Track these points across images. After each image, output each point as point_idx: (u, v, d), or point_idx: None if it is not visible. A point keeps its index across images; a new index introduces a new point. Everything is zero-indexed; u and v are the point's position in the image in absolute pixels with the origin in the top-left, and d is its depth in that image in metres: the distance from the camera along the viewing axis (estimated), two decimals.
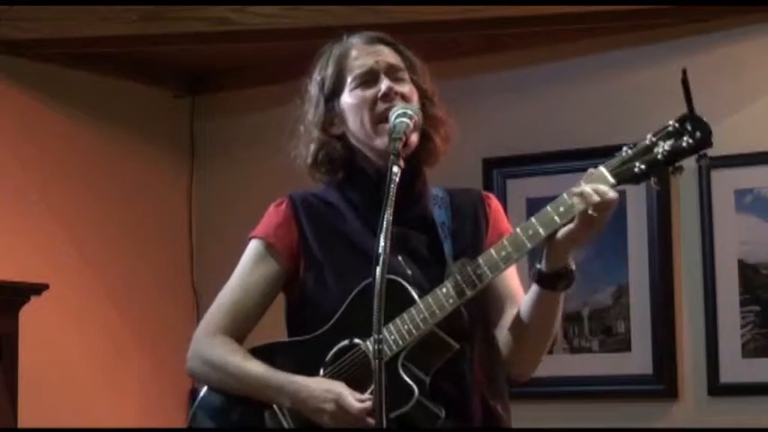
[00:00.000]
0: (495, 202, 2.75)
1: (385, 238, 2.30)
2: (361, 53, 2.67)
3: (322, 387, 2.53)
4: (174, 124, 5.37)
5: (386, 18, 4.07)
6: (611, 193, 2.44)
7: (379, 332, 2.26)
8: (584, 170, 4.58)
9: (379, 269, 2.28)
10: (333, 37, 2.80)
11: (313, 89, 2.73)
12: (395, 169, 2.42)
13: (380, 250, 2.30)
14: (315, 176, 2.73)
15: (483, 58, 4.70)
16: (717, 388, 4.31)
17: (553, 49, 4.69)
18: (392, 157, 2.44)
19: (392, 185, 2.39)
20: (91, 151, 5.02)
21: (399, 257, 2.59)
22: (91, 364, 4.93)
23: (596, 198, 2.44)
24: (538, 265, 2.52)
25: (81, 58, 4.92)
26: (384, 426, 2.27)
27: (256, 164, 5.24)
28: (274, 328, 2.73)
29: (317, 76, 2.73)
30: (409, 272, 2.58)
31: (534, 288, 2.54)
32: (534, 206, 4.57)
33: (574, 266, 2.52)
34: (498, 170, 4.70)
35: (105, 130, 5.07)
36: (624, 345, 4.46)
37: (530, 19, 4.35)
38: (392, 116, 2.56)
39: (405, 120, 2.54)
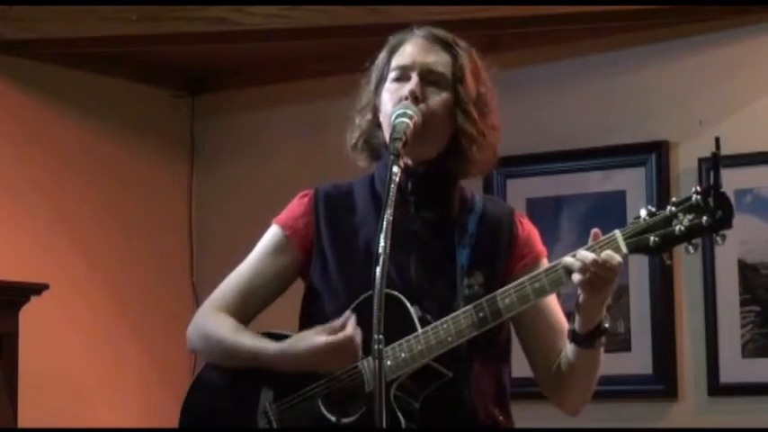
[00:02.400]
0: (527, 223, 2.72)
1: (385, 239, 2.30)
2: (411, 48, 2.65)
3: (306, 351, 2.54)
4: (174, 124, 5.36)
5: (386, 18, 4.07)
6: (616, 260, 2.42)
7: (379, 332, 2.26)
8: (585, 170, 4.65)
9: (378, 269, 2.28)
10: (332, 37, 2.80)
11: (371, 73, 2.72)
12: (395, 169, 2.42)
13: (380, 250, 2.29)
14: (356, 159, 2.73)
15: (483, 59, 4.69)
16: (717, 388, 4.31)
17: (553, 49, 4.69)
18: (392, 157, 2.44)
19: (392, 185, 2.39)
20: (91, 151, 5.02)
21: (411, 259, 2.59)
22: (91, 363, 4.93)
23: (602, 269, 2.41)
24: (571, 326, 2.52)
25: (81, 58, 4.92)
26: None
27: (256, 164, 5.24)
28: (286, 315, 2.75)
29: (374, 63, 2.72)
30: (414, 273, 2.58)
31: (571, 346, 2.54)
32: (534, 206, 4.61)
33: (607, 324, 2.51)
34: (498, 170, 4.69)
35: (105, 129, 5.07)
36: (624, 345, 4.46)
37: (530, 19, 4.35)
38: (392, 116, 2.55)
39: (404, 120, 2.53)
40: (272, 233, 2.74)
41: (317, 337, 2.53)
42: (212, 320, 2.71)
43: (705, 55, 4.42)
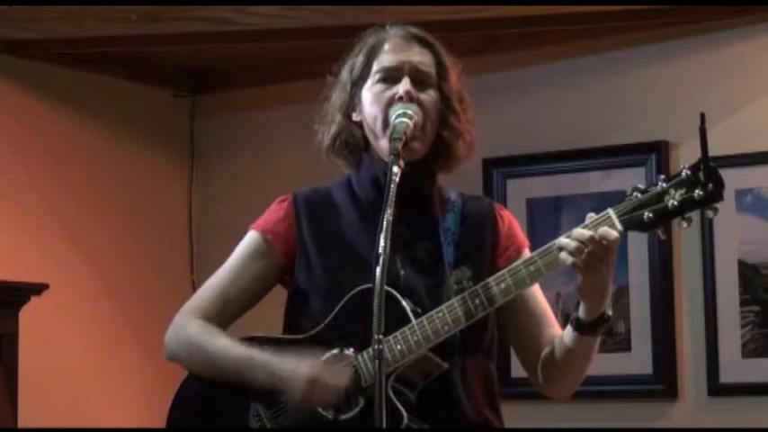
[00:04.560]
0: (507, 214, 2.72)
1: (385, 239, 2.30)
2: (394, 48, 2.65)
3: (296, 372, 2.53)
4: (174, 124, 5.37)
5: (386, 18, 4.06)
6: (613, 236, 2.42)
7: (380, 332, 2.26)
8: (585, 170, 4.65)
9: (378, 269, 2.28)
10: (332, 37, 2.80)
11: (343, 73, 2.71)
12: (395, 169, 2.43)
13: (380, 250, 2.29)
14: (331, 159, 2.73)
15: (483, 58, 4.70)
16: (717, 388, 4.31)
17: (553, 49, 4.69)
18: (392, 157, 2.45)
19: (392, 185, 2.40)
20: (91, 151, 5.02)
21: (397, 258, 2.59)
22: (91, 363, 4.93)
23: (599, 246, 2.41)
24: (575, 314, 2.52)
25: (81, 58, 4.92)
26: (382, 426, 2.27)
27: (256, 164, 5.25)
28: (273, 321, 2.74)
29: (348, 61, 2.71)
30: (402, 272, 2.58)
31: (573, 333, 2.53)
32: (534, 206, 4.62)
33: (611, 312, 2.51)
34: (498, 170, 4.70)
35: (105, 129, 5.07)
36: (624, 345, 4.46)
37: (530, 19, 4.35)
38: (392, 116, 2.56)
39: (404, 120, 2.54)
40: (251, 239, 2.72)
41: (311, 368, 2.53)
42: (191, 326, 2.70)
43: (705, 55, 4.42)
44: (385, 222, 2.32)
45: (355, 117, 2.68)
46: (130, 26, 4.41)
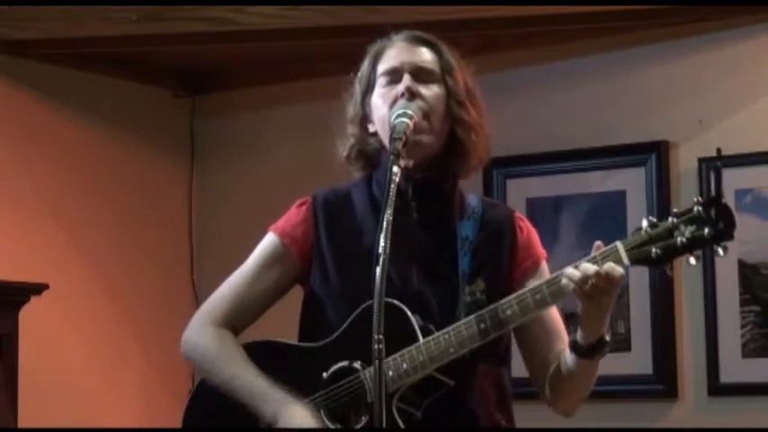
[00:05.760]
0: (526, 225, 2.72)
1: (385, 239, 2.30)
2: (396, 52, 2.67)
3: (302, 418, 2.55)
4: (174, 124, 5.37)
5: (385, 18, 4.07)
6: (618, 272, 2.42)
7: (379, 332, 2.26)
8: (585, 170, 4.65)
9: (378, 269, 2.28)
10: (332, 37, 2.80)
11: (355, 85, 2.73)
12: (395, 169, 2.42)
13: (380, 250, 2.29)
14: (351, 170, 2.73)
15: (482, 58, 4.68)
16: (717, 388, 4.31)
17: (553, 49, 4.69)
18: (392, 157, 2.45)
19: (392, 186, 2.39)
20: (91, 151, 5.02)
21: (413, 267, 2.58)
22: (91, 364, 4.93)
23: (603, 281, 2.42)
24: (573, 336, 2.52)
25: (81, 58, 4.92)
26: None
27: (256, 164, 5.25)
28: (286, 322, 2.75)
29: (358, 72, 2.73)
30: (416, 282, 2.58)
31: (572, 355, 2.54)
32: (534, 206, 4.62)
33: (608, 337, 2.51)
34: (498, 170, 4.69)
35: (105, 129, 5.07)
36: (624, 345, 4.46)
37: (529, 19, 4.35)
38: (392, 116, 2.56)
39: (404, 119, 2.53)
40: (270, 242, 2.73)
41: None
42: (209, 336, 2.71)
43: (705, 55, 4.42)
44: (385, 222, 2.32)
45: (371, 128, 2.68)
46: (130, 26, 4.41)
